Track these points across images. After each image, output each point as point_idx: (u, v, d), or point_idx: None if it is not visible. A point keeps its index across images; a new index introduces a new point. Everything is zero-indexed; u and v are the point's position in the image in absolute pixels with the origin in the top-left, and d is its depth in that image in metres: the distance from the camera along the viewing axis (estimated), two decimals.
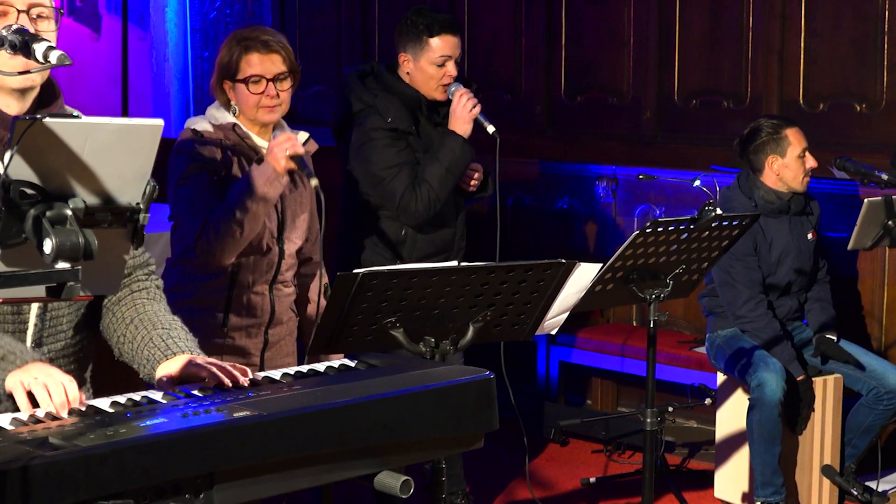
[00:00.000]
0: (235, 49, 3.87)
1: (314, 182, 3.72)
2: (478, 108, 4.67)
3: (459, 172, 4.71)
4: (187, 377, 2.79)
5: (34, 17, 2.72)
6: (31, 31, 2.57)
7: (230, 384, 2.71)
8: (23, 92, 2.77)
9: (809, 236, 5.40)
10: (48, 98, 2.85)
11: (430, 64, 4.69)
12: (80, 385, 2.95)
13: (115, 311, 2.96)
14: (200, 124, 3.90)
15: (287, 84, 3.89)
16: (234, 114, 3.90)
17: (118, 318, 2.95)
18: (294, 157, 3.72)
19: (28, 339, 2.83)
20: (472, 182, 4.85)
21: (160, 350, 2.85)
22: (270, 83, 3.85)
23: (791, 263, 5.33)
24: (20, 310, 2.80)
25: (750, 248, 5.23)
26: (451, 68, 4.70)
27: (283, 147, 3.71)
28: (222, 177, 3.83)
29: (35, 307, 2.82)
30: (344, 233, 4.85)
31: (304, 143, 3.93)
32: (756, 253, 5.27)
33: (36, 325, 2.83)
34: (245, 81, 3.85)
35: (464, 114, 4.66)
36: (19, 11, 2.69)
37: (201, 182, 3.78)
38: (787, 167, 5.31)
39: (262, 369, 3.82)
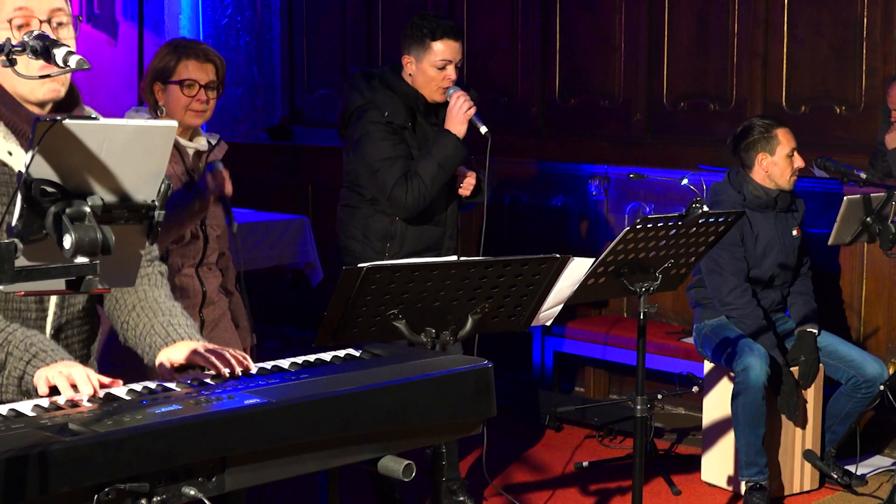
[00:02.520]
0: (173, 54, 3.94)
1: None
2: (473, 110, 4.65)
3: (451, 170, 4.69)
4: (188, 364, 2.78)
5: (55, 25, 2.71)
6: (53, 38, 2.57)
7: (227, 374, 2.70)
8: (44, 104, 2.76)
9: (794, 233, 5.40)
10: (69, 104, 2.84)
11: (431, 66, 4.67)
12: (87, 359, 2.96)
13: (118, 297, 2.94)
14: None
15: (214, 94, 3.98)
16: (159, 114, 3.95)
17: (121, 303, 2.94)
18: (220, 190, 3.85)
19: (47, 328, 2.83)
20: (464, 186, 4.83)
21: (161, 337, 2.84)
22: (203, 89, 3.92)
23: (775, 257, 5.33)
24: (42, 301, 2.80)
25: (737, 239, 5.23)
26: (451, 72, 4.68)
27: (214, 186, 3.83)
28: None
29: (54, 301, 2.82)
30: (341, 223, 4.85)
31: (215, 146, 4.04)
32: (742, 244, 5.27)
33: (56, 314, 2.83)
34: (180, 84, 3.91)
35: (459, 114, 4.65)
36: (41, 21, 2.69)
37: None
38: (775, 165, 5.31)
39: None
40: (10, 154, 2.71)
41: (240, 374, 2.71)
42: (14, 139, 2.73)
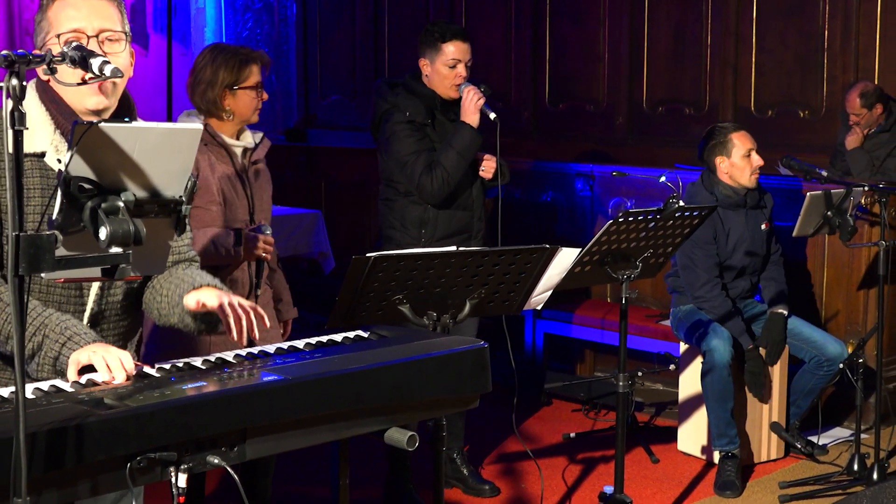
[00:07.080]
0: (241, 63, 3.93)
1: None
2: (482, 101, 4.71)
3: (470, 156, 4.74)
4: (213, 313, 2.71)
5: (103, 41, 2.68)
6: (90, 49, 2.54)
7: (236, 338, 2.64)
8: (98, 113, 2.72)
9: (763, 227, 5.38)
10: (123, 114, 2.81)
11: (444, 66, 4.73)
12: None
13: (155, 286, 2.87)
14: None
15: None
16: (227, 118, 3.92)
17: (156, 290, 2.86)
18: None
19: (84, 319, 2.79)
20: (485, 168, 4.85)
21: (188, 285, 2.76)
22: (262, 90, 3.99)
23: (745, 250, 5.32)
24: (81, 294, 2.77)
25: (710, 237, 5.22)
26: (461, 69, 4.74)
27: (261, 249, 3.85)
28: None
29: (94, 294, 2.79)
30: (382, 216, 4.91)
31: (260, 143, 4.02)
32: (715, 241, 5.26)
33: (93, 308, 2.80)
34: (254, 87, 3.93)
35: (471, 106, 4.71)
36: (89, 37, 2.65)
37: None
38: (733, 166, 5.28)
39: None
40: (59, 162, 2.65)
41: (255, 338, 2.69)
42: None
